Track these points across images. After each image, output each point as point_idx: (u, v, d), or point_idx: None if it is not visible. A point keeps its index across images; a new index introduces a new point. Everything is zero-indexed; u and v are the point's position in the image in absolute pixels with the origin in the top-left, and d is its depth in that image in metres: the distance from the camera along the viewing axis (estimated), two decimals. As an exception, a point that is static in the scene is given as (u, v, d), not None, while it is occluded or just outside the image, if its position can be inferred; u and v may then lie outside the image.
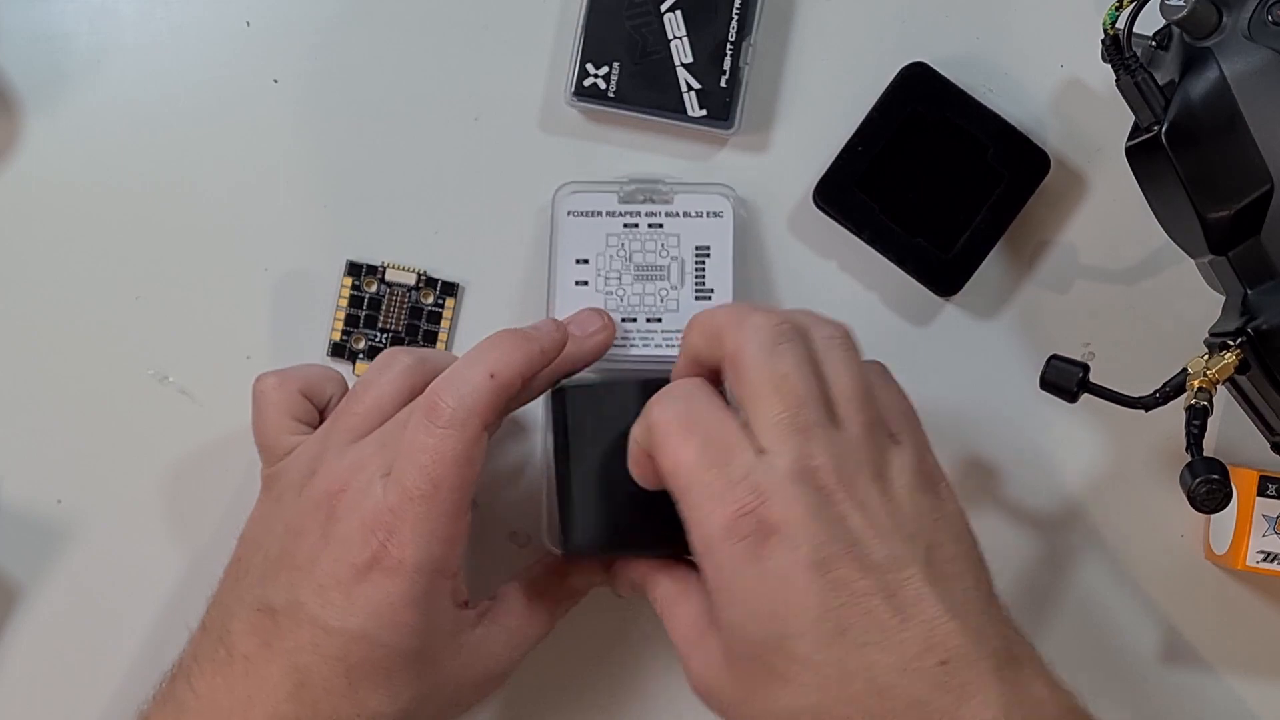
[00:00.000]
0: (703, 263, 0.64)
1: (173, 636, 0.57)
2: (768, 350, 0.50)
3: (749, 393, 0.50)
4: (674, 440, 0.50)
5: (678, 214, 0.64)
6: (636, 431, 0.52)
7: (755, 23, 0.64)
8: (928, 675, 0.48)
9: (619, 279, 0.64)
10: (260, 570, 0.53)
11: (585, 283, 0.64)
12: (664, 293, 0.64)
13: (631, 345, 0.64)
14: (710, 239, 0.64)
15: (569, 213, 0.64)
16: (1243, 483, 0.63)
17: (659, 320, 0.64)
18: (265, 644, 0.52)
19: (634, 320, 0.64)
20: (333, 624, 0.51)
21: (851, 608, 0.48)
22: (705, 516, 0.49)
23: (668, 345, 0.64)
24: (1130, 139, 0.58)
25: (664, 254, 0.64)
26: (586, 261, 0.64)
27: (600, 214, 0.64)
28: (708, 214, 0.64)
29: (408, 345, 0.65)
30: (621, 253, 0.64)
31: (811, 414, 0.49)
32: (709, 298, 0.63)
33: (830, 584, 0.48)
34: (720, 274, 0.64)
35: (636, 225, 0.64)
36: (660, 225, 0.64)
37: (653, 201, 0.64)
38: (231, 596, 0.54)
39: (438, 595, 0.52)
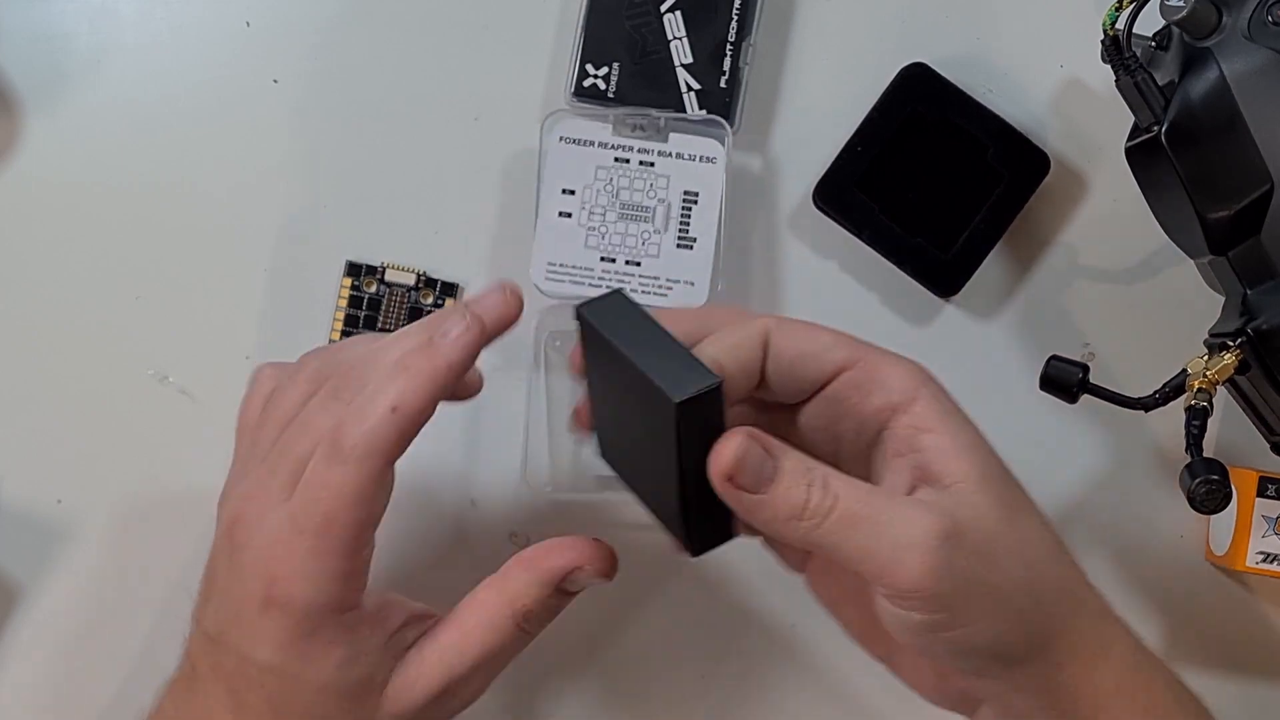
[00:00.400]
0: (689, 209, 0.63)
1: (172, 637, 0.57)
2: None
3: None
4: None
5: (670, 154, 0.63)
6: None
7: (755, 23, 0.64)
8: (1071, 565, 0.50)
9: (603, 215, 0.63)
10: (203, 588, 0.54)
11: (569, 214, 0.63)
12: (646, 236, 0.63)
13: (608, 287, 0.63)
14: (700, 184, 0.63)
15: (560, 138, 0.63)
16: (1243, 483, 0.63)
17: (638, 264, 0.63)
18: (211, 666, 0.52)
19: (613, 260, 0.63)
20: (249, 655, 0.51)
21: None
22: (900, 357, 0.50)
23: (643, 291, 0.63)
24: (1130, 139, 0.58)
25: (651, 195, 0.63)
26: (573, 193, 0.63)
27: (592, 144, 0.63)
28: (701, 158, 0.63)
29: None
30: (609, 188, 0.63)
31: None
32: (690, 247, 0.63)
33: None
34: (706, 223, 0.63)
35: (628, 161, 0.63)
36: (651, 164, 0.63)
37: (645, 135, 0.63)
38: (197, 613, 0.55)
39: (342, 628, 0.51)
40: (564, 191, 0.63)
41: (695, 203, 0.63)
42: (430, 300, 0.65)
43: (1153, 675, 0.51)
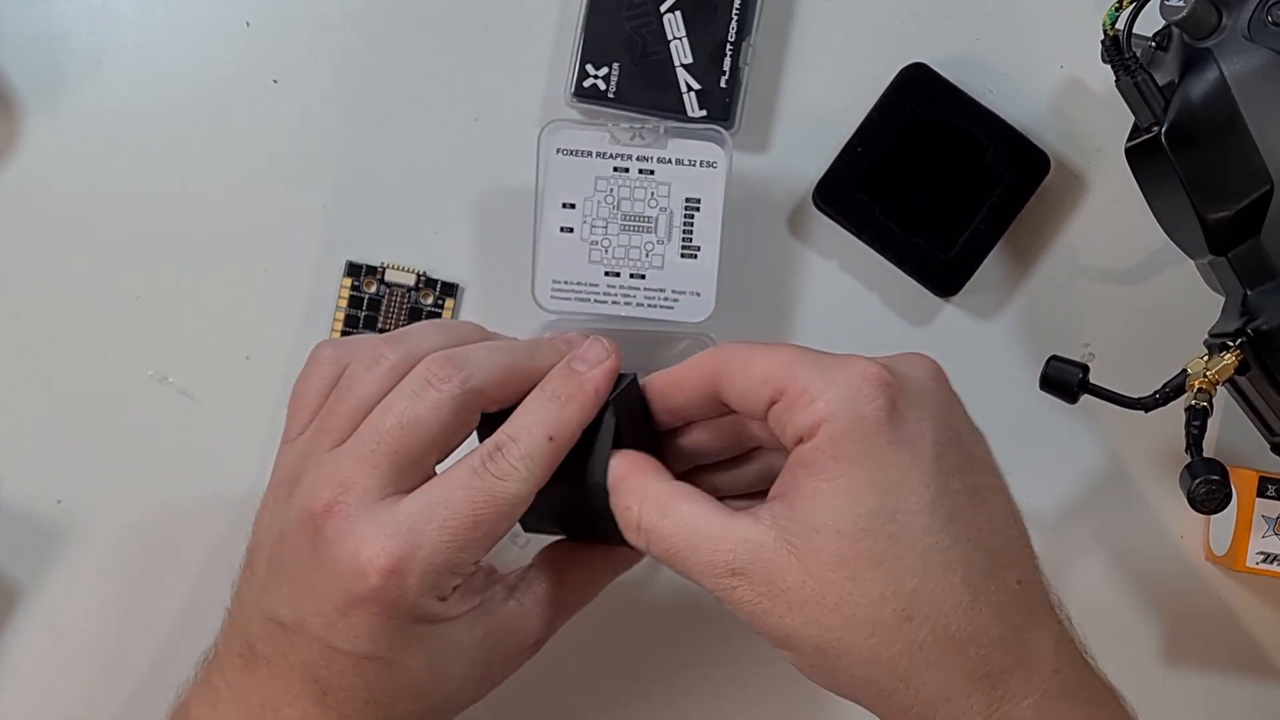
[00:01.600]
0: (691, 216, 0.62)
1: (172, 636, 0.57)
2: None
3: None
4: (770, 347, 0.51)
5: (670, 161, 0.62)
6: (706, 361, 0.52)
7: (755, 23, 0.64)
8: (1009, 589, 0.49)
9: (605, 228, 0.62)
10: (264, 574, 0.53)
11: (570, 229, 0.63)
12: (650, 247, 0.62)
13: (613, 303, 0.63)
14: (702, 191, 0.62)
15: (558, 150, 0.63)
16: (1243, 483, 0.63)
17: (642, 277, 0.63)
18: (282, 653, 0.51)
19: (617, 275, 0.63)
20: (340, 646, 0.50)
21: (960, 498, 0.48)
22: (849, 374, 0.49)
23: (649, 304, 0.63)
24: (1130, 139, 0.58)
25: (653, 204, 0.62)
26: (573, 206, 0.63)
27: (590, 154, 0.63)
28: (701, 163, 0.62)
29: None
30: (610, 199, 0.62)
31: None
32: (694, 256, 0.63)
33: (946, 469, 0.48)
34: (709, 231, 0.62)
35: (627, 170, 0.62)
36: (651, 172, 0.62)
37: (644, 143, 0.62)
38: (246, 594, 0.54)
39: (445, 605, 0.51)
40: (564, 205, 0.63)
41: (698, 210, 0.62)
42: (430, 300, 0.65)
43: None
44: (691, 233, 0.62)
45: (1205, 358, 0.57)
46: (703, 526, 0.50)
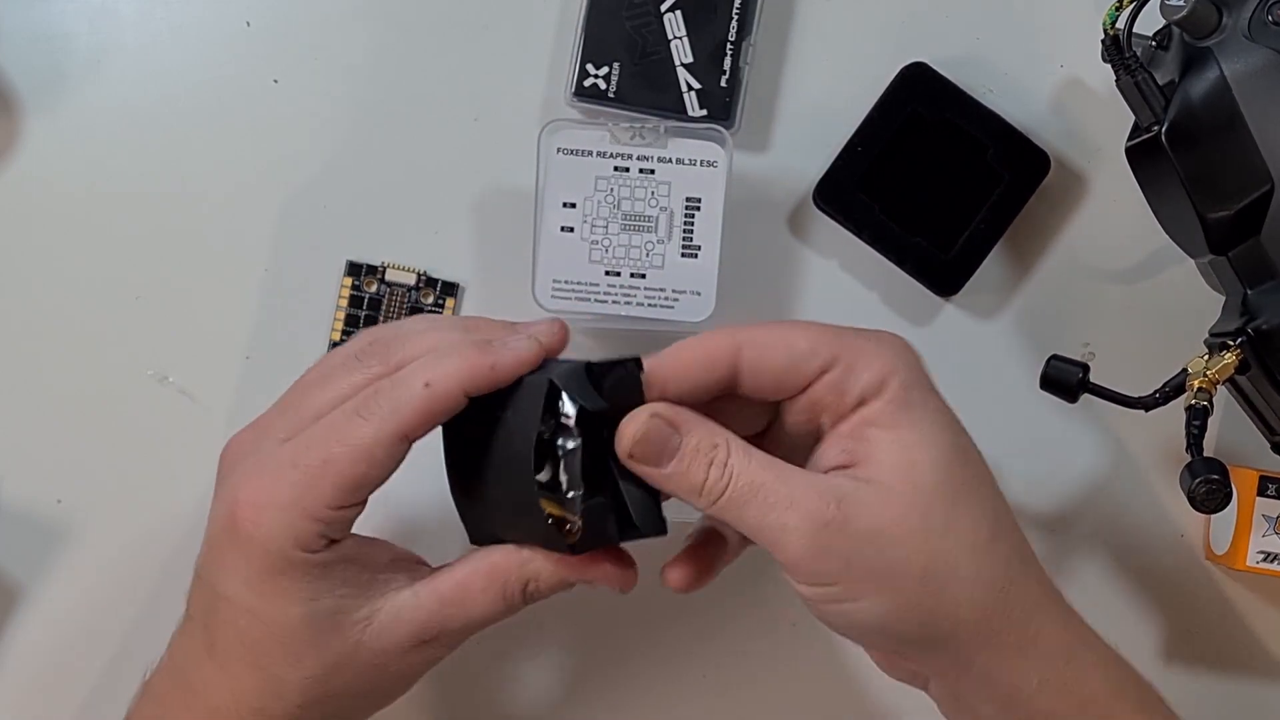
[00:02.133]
0: (692, 216, 0.62)
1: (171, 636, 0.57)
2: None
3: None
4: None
5: (670, 160, 0.62)
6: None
7: (755, 23, 0.64)
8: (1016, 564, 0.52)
9: (605, 227, 0.62)
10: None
11: (571, 229, 0.63)
12: (650, 246, 0.62)
13: (614, 302, 0.63)
14: (702, 190, 0.62)
15: (558, 150, 0.63)
16: (1243, 483, 0.63)
17: (643, 276, 0.63)
18: (197, 605, 0.53)
19: (618, 274, 0.63)
20: (220, 589, 0.51)
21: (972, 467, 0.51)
22: (886, 335, 0.51)
23: (650, 304, 0.63)
24: (1130, 139, 0.58)
25: (653, 203, 0.62)
26: (573, 205, 0.63)
27: (590, 153, 0.63)
28: (701, 162, 0.62)
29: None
30: (610, 198, 0.62)
31: None
32: (695, 256, 0.63)
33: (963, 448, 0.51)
34: (709, 230, 0.62)
35: (627, 170, 0.62)
36: (652, 171, 0.62)
37: (644, 142, 0.62)
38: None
39: (311, 567, 0.50)
40: (565, 205, 0.63)
41: (698, 209, 0.62)
42: (430, 300, 0.65)
43: (1086, 668, 0.52)
44: (692, 232, 0.62)
45: (1205, 357, 0.57)
46: (790, 471, 0.50)
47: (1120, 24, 0.57)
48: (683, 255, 0.62)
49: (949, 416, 0.51)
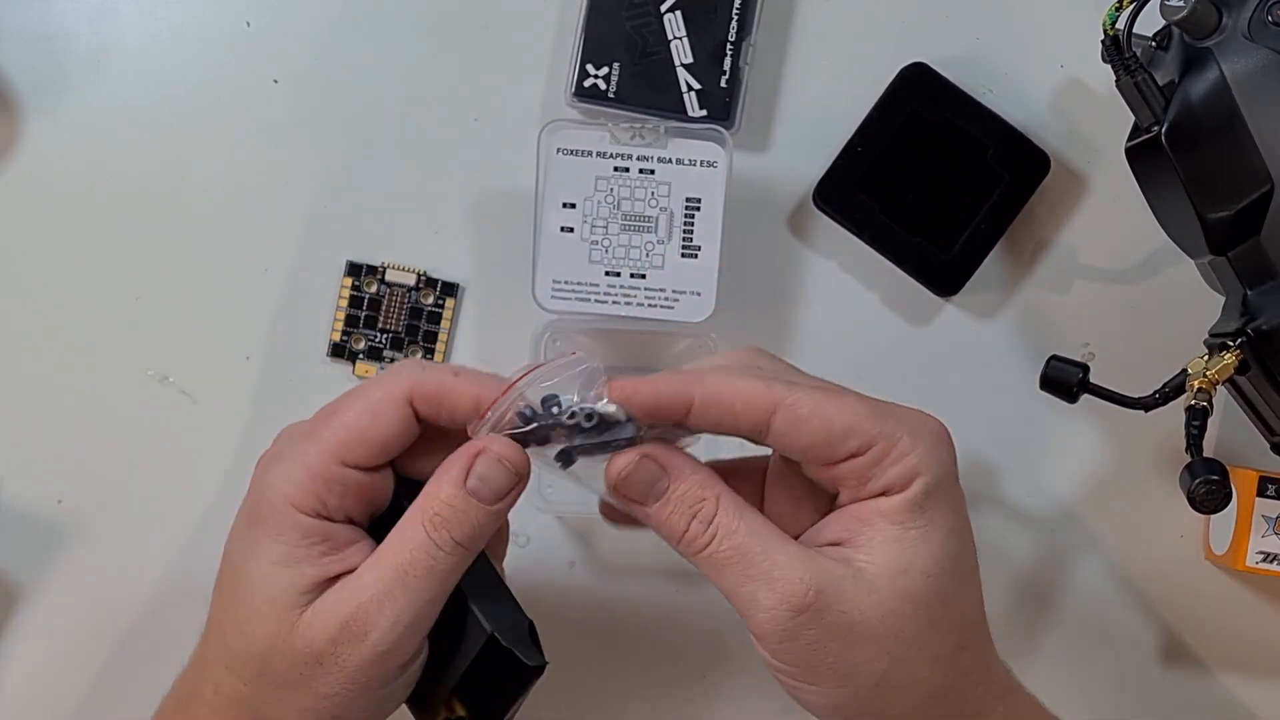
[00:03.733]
0: (692, 216, 0.62)
1: (173, 636, 0.57)
2: None
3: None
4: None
5: (670, 160, 0.62)
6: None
7: (755, 23, 0.64)
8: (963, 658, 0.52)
9: (605, 228, 0.62)
10: None
11: (571, 229, 0.62)
12: (650, 246, 0.62)
13: (614, 302, 0.63)
14: (702, 190, 0.62)
15: (558, 150, 0.63)
16: (1243, 483, 0.63)
17: (643, 277, 0.63)
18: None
19: (618, 275, 0.63)
20: (225, 551, 0.53)
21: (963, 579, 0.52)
22: (927, 427, 0.51)
23: (650, 304, 0.63)
24: (1130, 139, 0.58)
25: (653, 203, 0.62)
26: (573, 206, 0.63)
27: (590, 154, 0.63)
28: (701, 163, 0.62)
29: (407, 345, 0.65)
30: (610, 199, 0.62)
31: None
32: (695, 256, 0.63)
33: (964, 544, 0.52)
34: (709, 231, 0.62)
35: (627, 170, 0.62)
36: (652, 171, 0.62)
37: (644, 143, 0.62)
38: None
39: (292, 526, 0.50)
40: (564, 205, 0.63)
41: (698, 209, 0.62)
42: (430, 300, 0.65)
43: None
44: (692, 232, 0.62)
45: (1205, 357, 0.57)
46: (778, 542, 0.50)
47: (1120, 24, 0.57)
48: (683, 255, 0.62)
49: (960, 523, 0.51)
